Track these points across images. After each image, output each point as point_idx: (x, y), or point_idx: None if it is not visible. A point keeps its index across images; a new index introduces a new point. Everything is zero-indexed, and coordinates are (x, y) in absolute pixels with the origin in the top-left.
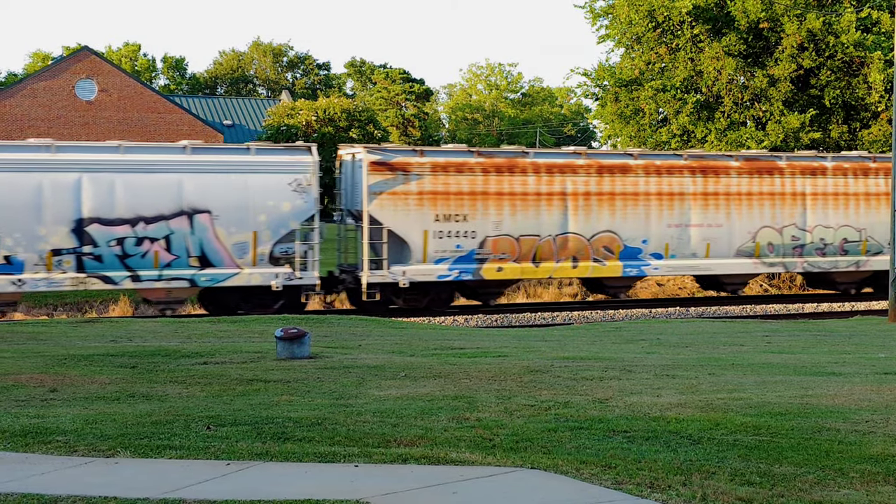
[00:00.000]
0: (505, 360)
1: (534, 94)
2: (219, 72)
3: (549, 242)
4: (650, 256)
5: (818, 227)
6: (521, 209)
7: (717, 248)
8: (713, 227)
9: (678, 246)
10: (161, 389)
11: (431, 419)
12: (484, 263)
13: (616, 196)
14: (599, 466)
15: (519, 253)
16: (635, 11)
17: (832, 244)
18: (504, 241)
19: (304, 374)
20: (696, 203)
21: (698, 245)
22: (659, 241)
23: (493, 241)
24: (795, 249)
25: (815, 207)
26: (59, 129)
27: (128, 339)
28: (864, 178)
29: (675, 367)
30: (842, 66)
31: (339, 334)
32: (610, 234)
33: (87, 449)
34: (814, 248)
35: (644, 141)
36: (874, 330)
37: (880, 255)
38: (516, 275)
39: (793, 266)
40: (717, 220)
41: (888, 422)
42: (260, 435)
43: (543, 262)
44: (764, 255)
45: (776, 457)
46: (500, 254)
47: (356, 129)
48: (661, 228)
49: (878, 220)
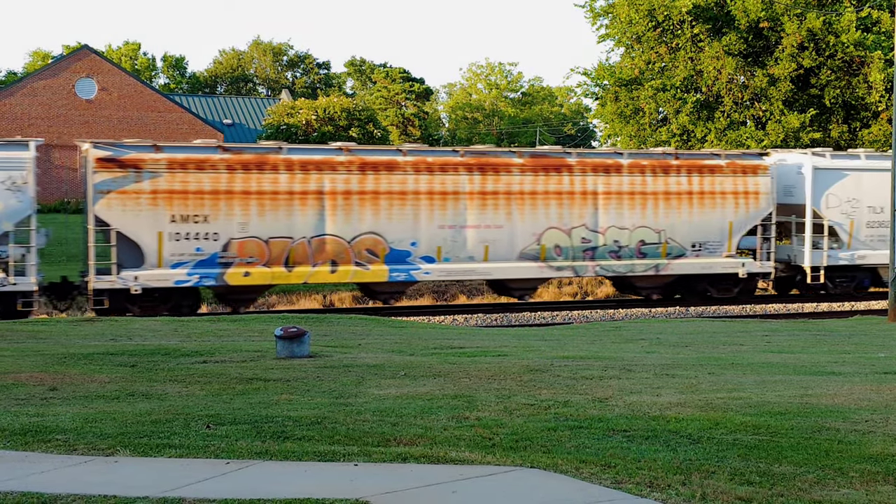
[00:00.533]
0: (504, 359)
1: (534, 94)
2: (219, 71)
3: (303, 245)
4: (420, 260)
5: (612, 228)
6: (270, 209)
7: (497, 250)
8: (492, 228)
9: (452, 249)
10: (161, 388)
11: (431, 418)
12: (229, 268)
13: (381, 195)
14: (599, 466)
15: (269, 256)
16: (635, 11)
17: (628, 246)
18: (251, 244)
19: (303, 373)
20: (472, 203)
21: (475, 248)
22: (430, 243)
23: (239, 243)
24: (586, 252)
25: (608, 207)
26: (59, 127)
27: (127, 337)
28: (665, 177)
29: (674, 366)
30: (842, 65)
31: (338, 333)
32: (374, 235)
33: (86, 447)
34: (607, 251)
35: (644, 140)
36: (874, 329)
37: (683, 258)
38: (266, 280)
39: (583, 270)
40: (496, 221)
41: (888, 421)
42: (259, 434)
43: (298, 266)
44: (551, 259)
45: (776, 456)
46: (247, 257)
47: (356, 128)
48: (433, 230)
49: (680, 220)
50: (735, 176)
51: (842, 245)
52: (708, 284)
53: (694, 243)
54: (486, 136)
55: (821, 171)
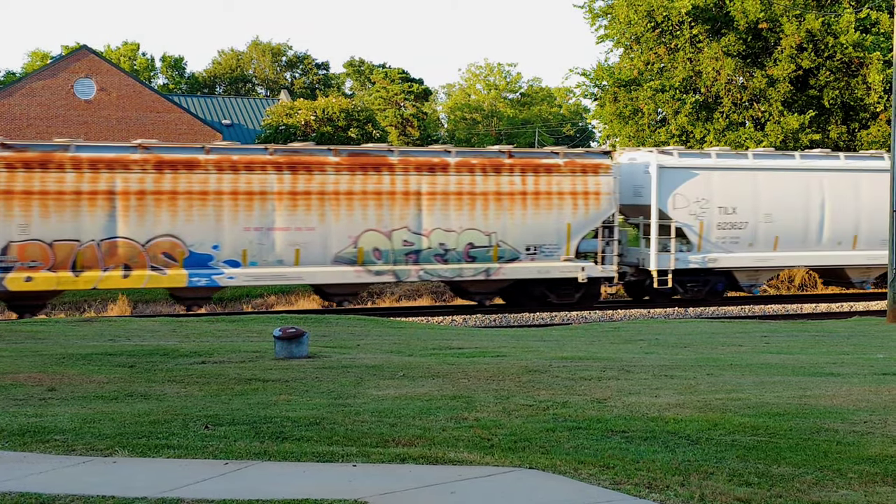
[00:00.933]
0: (503, 359)
1: (533, 94)
2: (218, 71)
3: (92, 248)
4: (224, 264)
5: (437, 230)
6: (55, 210)
7: (310, 254)
8: (304, 230)
9: (259, 252)
10: (159, 389)
11: (430, 419)
12: (9, 272)
13: (179, 195)
14: (597, 466)
15: (54, 261)
16: (634, 11)
17: (455, 250)
18: (34, 247)
19: (302, 374)
20: (282, 203)
21: (285, 251)
22: (234, 246)
23: (20, 246)
24: (409, 256)
25: (433, 208)
26: (58, 128)
27: (126, 338)
28: (496, 176)
29: (673, 367)
30: (841, 66)
31: (337, 334)
32: (171, 238)
33: (85, 448)
34: (432, 255)
35: (643, 141)
36: (873, 330)
37: (517, 262)
38: (51, 285)
39: (406, 275)
40: (308, 223)
41: (886, 422)
42: (258, 434)
43: (86, 270)
44: (370, 263)
45: (774, 457)
46: (28, 261)
47: (355, 128)
48: (238, 232)
49: (513, 222)
50: (574, 175)
51: (692, 247)
52: (546, 289)
53: (529, 246)
54: (485, 137)
55: (667, 171)
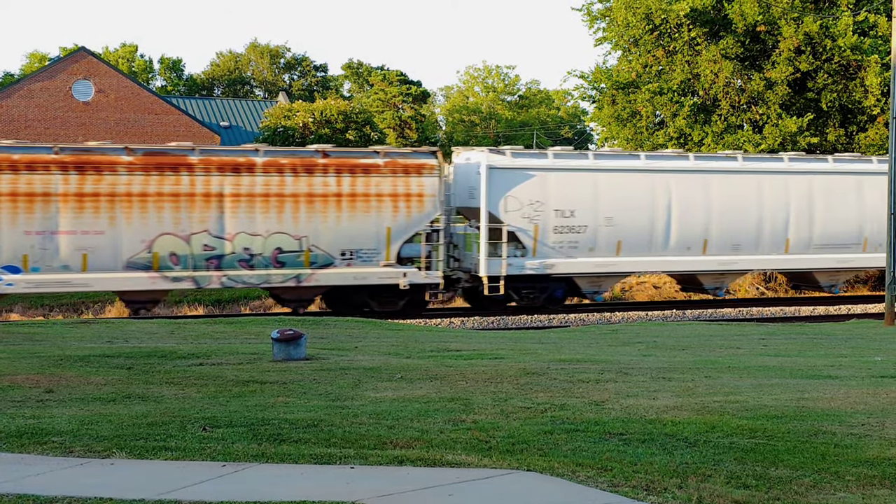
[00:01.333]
0: (501, 362)
1: (531, 97)
2: (216, 73)
3: None
4: (4, 270)
5: (241, 234)
6: None
7: (99, 259)
8: (92, 234)
9: (42, 257)
10: (157, 390)
11: (428, 421)
12: None
13: None
14: (595, 469)
15: None
16: (632, 14)
17: (262, 255)
18: None
19: (300, 376)
20: (67, 205)
21: (71, 256)
22: (14, 251)
23: None
24: (210, 261)
25: (237, 211)
26: (56, 129)
27: (124, 339)
28: (309, 177)
29: (671, 369)
30: (839, 69)
31: (335, 336)
32: None
33: (82, 450)
34: (236, 260)
35: (641, 143)
36: (870, 333)
37: (331, 267)
38: None
39: (206, 281)
40: (96, 227)
41: (884, 425)
42: (256, 436)
43: None
44: (166, 268)
45: (772, 460)
46: None
47: (353, 130)
48: (17, 236)
49: (326, 226)
50: (395, 176)
51: (526, 252)
52: (367, 297)
53: (344, 251)
54: (484, 139)
55: (498, 171)
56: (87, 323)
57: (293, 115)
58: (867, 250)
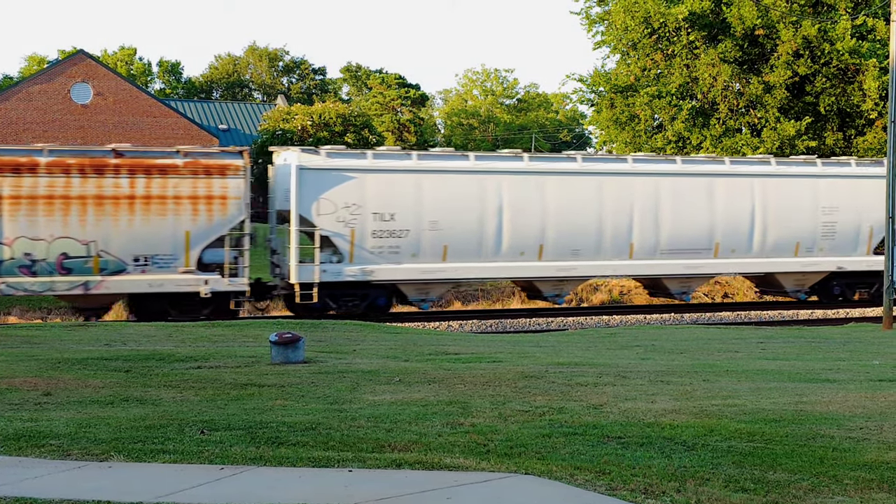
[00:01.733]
0: (499, 365)
1: (529, 100)
2: (214, 76)
3: None
4: None
5: (22, 238)
6: None
7: None
8: None
9: None
10: (155, 393)
11: (426, 424)
12: None
13: None
14: (594, 472)
15: None
16: (631, 18)
17: (46, 261)
18: None
19: (298, 379)
20: None
21: None
22: None
23: None
24: None
25: (16, 214)
26: (55, 132)
27: (122, 342)
28: (99, 178)
29: (669, 373)
30: (837, 73)
31: (333, 339)
32: None
33: (80, 453)
34: (16, 266)
35: (639, 147)
36: (868, 337)
37: (123, 274)
38: None
39: None
40: None
41: (882, 429)
42: (254, 439)
43: None
44: None
45: (770, 463)
46: None
47: (351, 133)
48: None
49: (117, 230)
50: (196, 177)
51: (343, 258)
52: (168, 305)
53: (138, 257)
54: (482, 143)
55: (310, 172)
56: (84, 326)
57: (292, 119)
58: (718, 256)
